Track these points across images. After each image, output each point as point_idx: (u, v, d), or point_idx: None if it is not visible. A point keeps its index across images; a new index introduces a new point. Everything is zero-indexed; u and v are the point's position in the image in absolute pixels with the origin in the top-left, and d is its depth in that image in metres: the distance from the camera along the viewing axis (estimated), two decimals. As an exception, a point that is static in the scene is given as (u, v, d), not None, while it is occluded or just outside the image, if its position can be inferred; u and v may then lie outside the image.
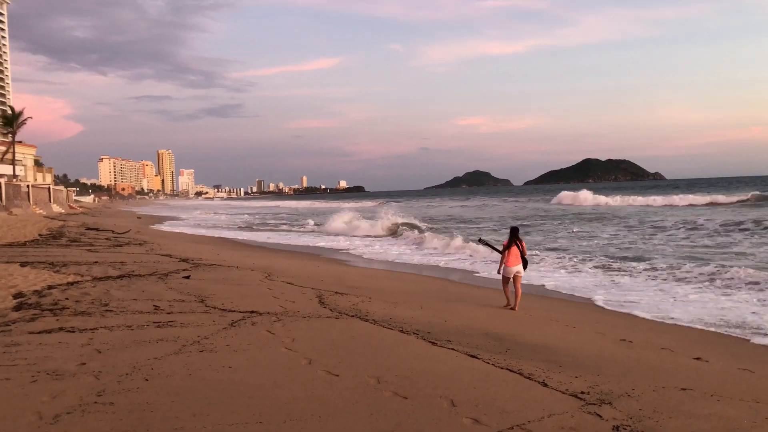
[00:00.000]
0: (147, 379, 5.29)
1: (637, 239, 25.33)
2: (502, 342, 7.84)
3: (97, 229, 30.09)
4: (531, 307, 11.21)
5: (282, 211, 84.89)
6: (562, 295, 13.28)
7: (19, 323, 7.44)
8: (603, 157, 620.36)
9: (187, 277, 12.49)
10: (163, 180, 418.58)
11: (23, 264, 13.54)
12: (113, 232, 28.78)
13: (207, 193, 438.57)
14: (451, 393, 5.23)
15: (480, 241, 14.34)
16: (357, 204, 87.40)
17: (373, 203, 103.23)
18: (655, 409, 5.03)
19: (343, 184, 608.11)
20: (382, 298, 11.05)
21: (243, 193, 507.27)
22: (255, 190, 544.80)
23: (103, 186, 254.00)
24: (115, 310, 8.44)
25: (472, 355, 6.71)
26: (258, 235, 35.06)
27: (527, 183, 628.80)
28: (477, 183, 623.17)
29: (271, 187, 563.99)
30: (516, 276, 11.09)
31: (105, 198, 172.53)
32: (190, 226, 46.47)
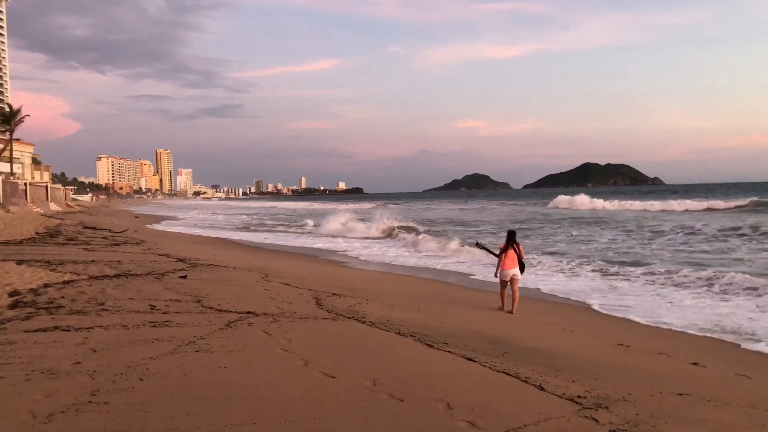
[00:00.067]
0: (142, 379, 5.27)
1: (636, 244, 25.37)
2: (498, 345, 7.83)
3: (94, 228, 30.04)
4: (528, 310, 11.21)
5: (280, 212, 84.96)
6: (560, 299, 13.29)
7: (14, 321, 7.41)
8: (602, 162, 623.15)
9: (184, 277, 12.46)
10: (161, 179, 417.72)
11: (19, 262, 13.50)
12: (110, 231, 28.74)
13: (205, 193, 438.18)
14: (448, 396, 5.21)
15: (477, 245, 14.38)
16: (355, 206, 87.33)
17: (371, 205, 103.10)
18: (651, 414, 5.02)
19: (342, 186, 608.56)
20: (379, 300, 11.03)
21: (241, 193, 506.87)
22: (253, 190, 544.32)
23: (101, 185, 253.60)
24: (111, 310, 8.41)
25: (469, 358, 6.69)
26: (255, 236, 35.10)
27: (526, 186, 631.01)
28: (476, 186, 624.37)
29: (270, 187, 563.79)
30: (513, 279, 11.11)
31: (103, 197, 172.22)
32: (187, 225, 46.46)
